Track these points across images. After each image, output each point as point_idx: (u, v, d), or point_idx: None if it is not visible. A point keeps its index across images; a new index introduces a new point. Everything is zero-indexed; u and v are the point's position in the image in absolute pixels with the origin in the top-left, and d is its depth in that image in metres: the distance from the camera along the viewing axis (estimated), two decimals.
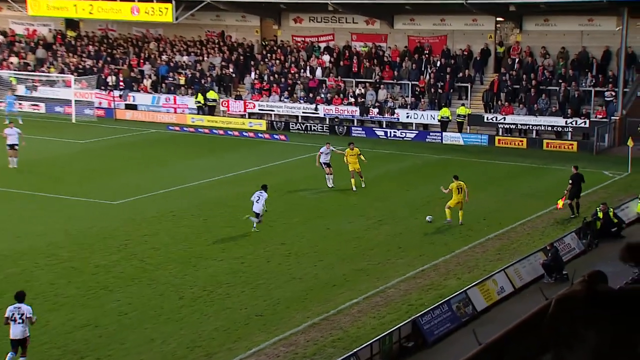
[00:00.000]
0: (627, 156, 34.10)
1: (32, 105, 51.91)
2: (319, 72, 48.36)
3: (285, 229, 25.56)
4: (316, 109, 46.20)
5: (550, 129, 41.39)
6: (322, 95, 46.76)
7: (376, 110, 44.85)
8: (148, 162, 37.16)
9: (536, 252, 21.72)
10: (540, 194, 30.29)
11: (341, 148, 32.46)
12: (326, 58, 48.82)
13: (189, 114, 48.63)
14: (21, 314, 15.51)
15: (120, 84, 51.49)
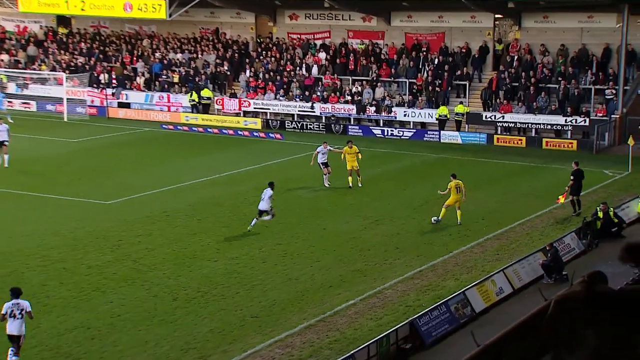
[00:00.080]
0: (627, 155, 34.16)
1: (23, 103, 51.84)
2: (315, 70, 48.36)
3: (281, 229, 25.56)
4: (312, 107, 46.21)
5: (549, 127, 41.44)
6: (318, 94, 46.76)
7: (373, 109, 44.86)
8: (141, 162, 37.14)
9: (535, 252, 21.76)
10: (539, 193, 30.33)
11: (338, 147, 32.54)
12: (322, 55, 48.81)
13: (183, 112, 48.60)
14: (21, 309, 15.69)
15: (113, 81, 51.43)
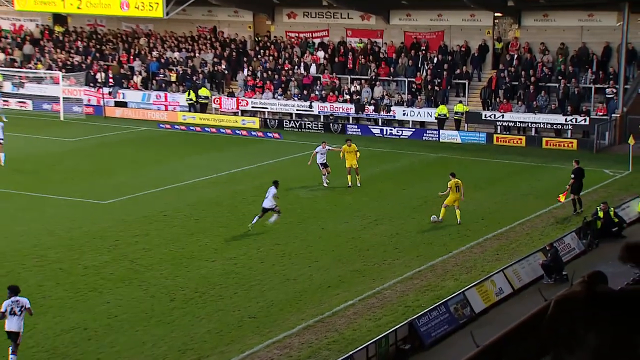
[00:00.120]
0: (628, 154, 34.18)
1: (19, 102, 51.83)
2: (313, 69, 48.36)
3: (279, 229, 25.56)
4: (310, 106, 46.21)
5: (549, 126, 41.46)
6: (317, 93, 46.76)
7: (372, 108, 44.87)
8: (138, 161, 37.12)
9: (535, 252, 21.77)
10: (539, 193, 30.35)
11: (337, 146, 32.58)
12: (321, 54, 48.82)
13: (180, 111, 48.58)
14: (20, 306, 15.80)
15: (110, 80, 51.40)
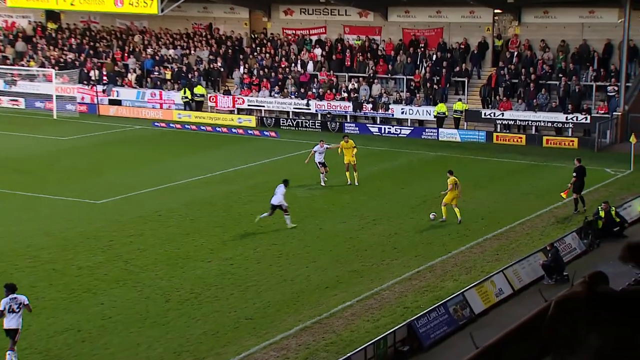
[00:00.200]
0: (629, 153, 34.20)
1: (11, 100, 51.80)
2: (310, 67, 48.36)
3: (276, 228, 25.57)
4: (308, 104, 46.21)
5: (550, 125, 41.50)
6: (314, 91, 46.77)
7: (370, 106, 44.88)
8: (133, 160, 37.11)
9: (536, 252, 21.80)
10: (539, 192, 30.39)
11: (334, 144, 32.62)
12: (318, 52, 48.81)
13: (175, 109, 48.56)
14: (18, 303, 15.92)
15: (104, 78, 51.36)
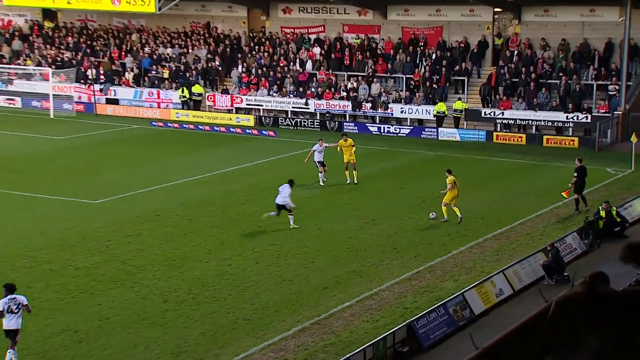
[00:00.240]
0: (630, 153, 34.22)
1: (7, 99, 51.78)
2: (309, 65, 48.36)
3: (274, 229, 25.58)
4: (306, 103, 46.22)
5: (550, 124, 41.52)
6: (313, 90, 46.77)
7: (369, 105, 44.89)
8: (130, 160, 37.09)
9: (536, 252, 21.82)
10: (540, 192, 30.40)
11: (333, 143, 32.66)
12: (317, 50, 48.81)
13: (173, 109, 48.55)
14: (17, 303, 15.93)
15: (101, 77, 51.33)
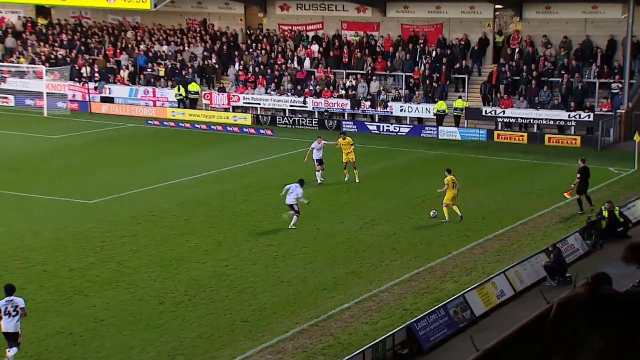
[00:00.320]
0: (633, 152, 34.23)
1: (0, 98, 51.73)
2: (307, 63, 48.37)
3: (272, 229, 25.60)
4: (304, 102, 46.23)
5: (552, 123, 41.53)
6: (311, 88, 46.78)
7: (368, 104, 44.91)
8: (125, 159, 37.08)
9: (538, 253, 21.83)
10: (541, 191, 30.43)
11: (332, 141, 32.72)
12: (315, 48, 48.83)
13: (169, 107, 48.55)
14: (15, 305, 15.99)
15: (96, 75, 51.33)
